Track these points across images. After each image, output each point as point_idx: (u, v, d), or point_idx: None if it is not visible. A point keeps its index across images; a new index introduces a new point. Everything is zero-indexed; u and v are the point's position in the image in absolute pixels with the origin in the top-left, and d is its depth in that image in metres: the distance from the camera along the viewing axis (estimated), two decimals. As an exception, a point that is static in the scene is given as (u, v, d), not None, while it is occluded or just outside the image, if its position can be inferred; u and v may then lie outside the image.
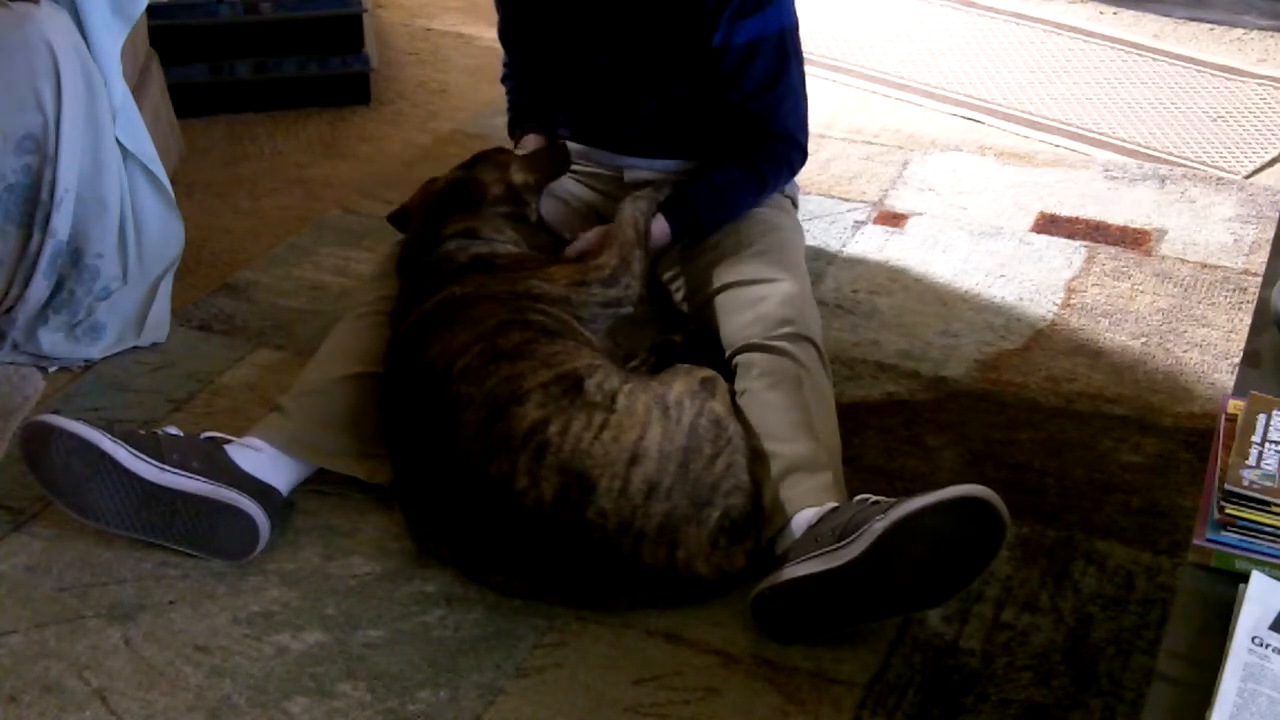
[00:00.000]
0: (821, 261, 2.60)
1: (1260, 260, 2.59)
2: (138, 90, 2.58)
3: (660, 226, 2.12)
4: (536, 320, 1.90)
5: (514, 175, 2.15)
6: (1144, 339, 2.38)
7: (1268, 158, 3.07)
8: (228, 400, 2.22)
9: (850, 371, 2.28)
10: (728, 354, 2.00)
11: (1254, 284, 2.49)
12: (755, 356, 1.94)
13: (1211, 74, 3.54)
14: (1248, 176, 2.98)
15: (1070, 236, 2.72)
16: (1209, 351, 2.34)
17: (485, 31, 3.72)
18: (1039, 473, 2.03)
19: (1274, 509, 1.29)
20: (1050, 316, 2.45)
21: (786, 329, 1.96)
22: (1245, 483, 1.31)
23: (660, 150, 2.22)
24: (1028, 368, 2.30)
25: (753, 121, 2.15)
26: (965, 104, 3.36)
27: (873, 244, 2.70)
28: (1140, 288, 2.54)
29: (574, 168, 2.32)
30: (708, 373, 1.87)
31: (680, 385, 1.82)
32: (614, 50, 2.13)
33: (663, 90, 2.16)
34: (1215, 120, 3.26)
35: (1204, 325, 2.42)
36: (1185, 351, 2.34)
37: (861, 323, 2.43)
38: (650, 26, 2.10)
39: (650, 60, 2.13)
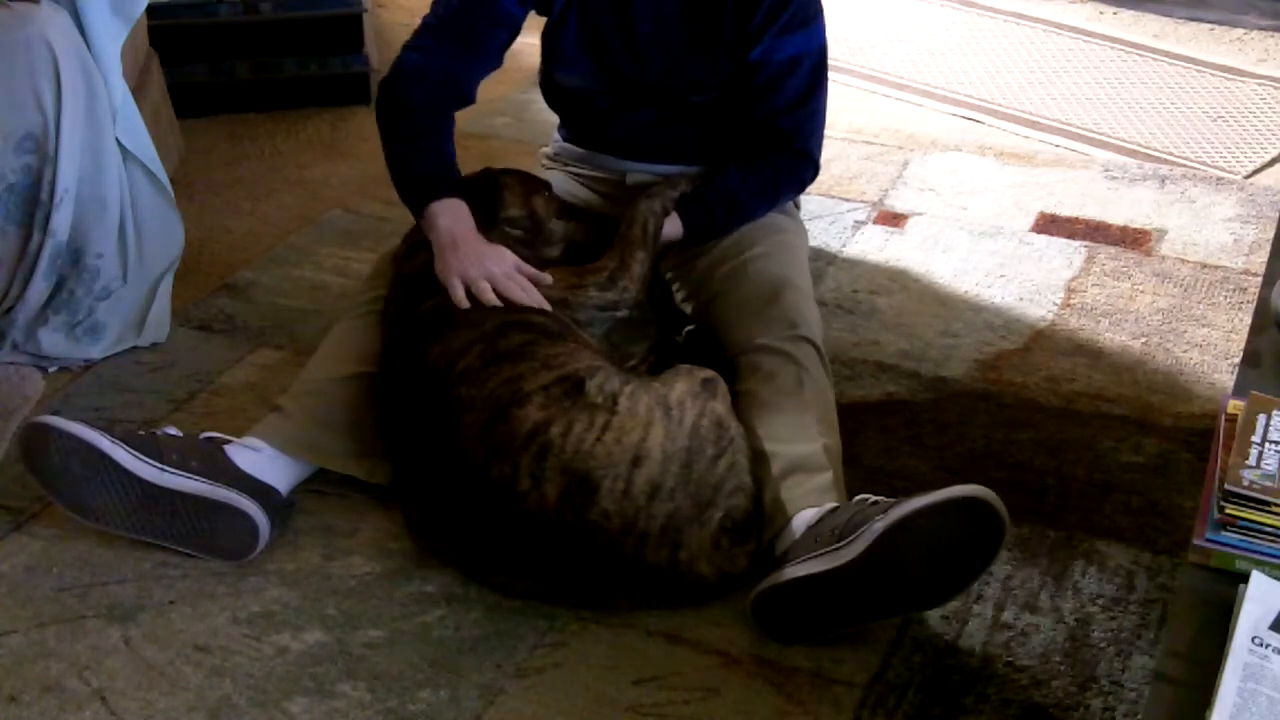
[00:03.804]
0: (821, 261, 2.60)
1: (1260, 260, 2.59)
2: (138, 90, 2.58)
3: (673, 226, 2.11)
4: (536, 321, 1.89)
5: (537, 204, 2.10)
6: (1144, 339, 2.38)
7: (1268, 158, 3.07)
8: (228, 400, 2.22)
9: (850, 371, 2.28)
10: (728, 354, 2.00)
11: (1254, 284, 2.49)
12: (756, 357, 1.94)
13: (1211, 74, 3.54)
14: (1248, 176, 2.99)
15: (1070, 236, 2.72)
16: (1209, 351, 2.34)
17: (485, 31, 3.72)
18: (1039, 473, 2.03)
19: (1274, 509, 1.29)
20: (1050, 316, 2.45)
21: (787, 330, 1.96)
22: (1245, 483, 1.31)
23: (665, 155, 2.21)
24: (1028, 368, 2.30)
25: (777, 136, 2.13)
26: (965, 104, 3.36)
27: (873, 244, 2.70)
28: (1140, 288, 2.54)
29: (575, 170, 2.31)
30: (708, 373, 1.87)
31: (682, 386, 1.82)
32: (650, 58, 2.10)
33: (681, 98, 2.14)
34: (1215, 120, 3.26)
35: (1204, 325, 2.42)
36: (1185, 351, 2.34)
37: (861, 323, 2.43)
38: (693, 35, 2.08)
39: (684, 69, 2.11)
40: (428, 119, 2.05)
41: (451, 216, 1.96)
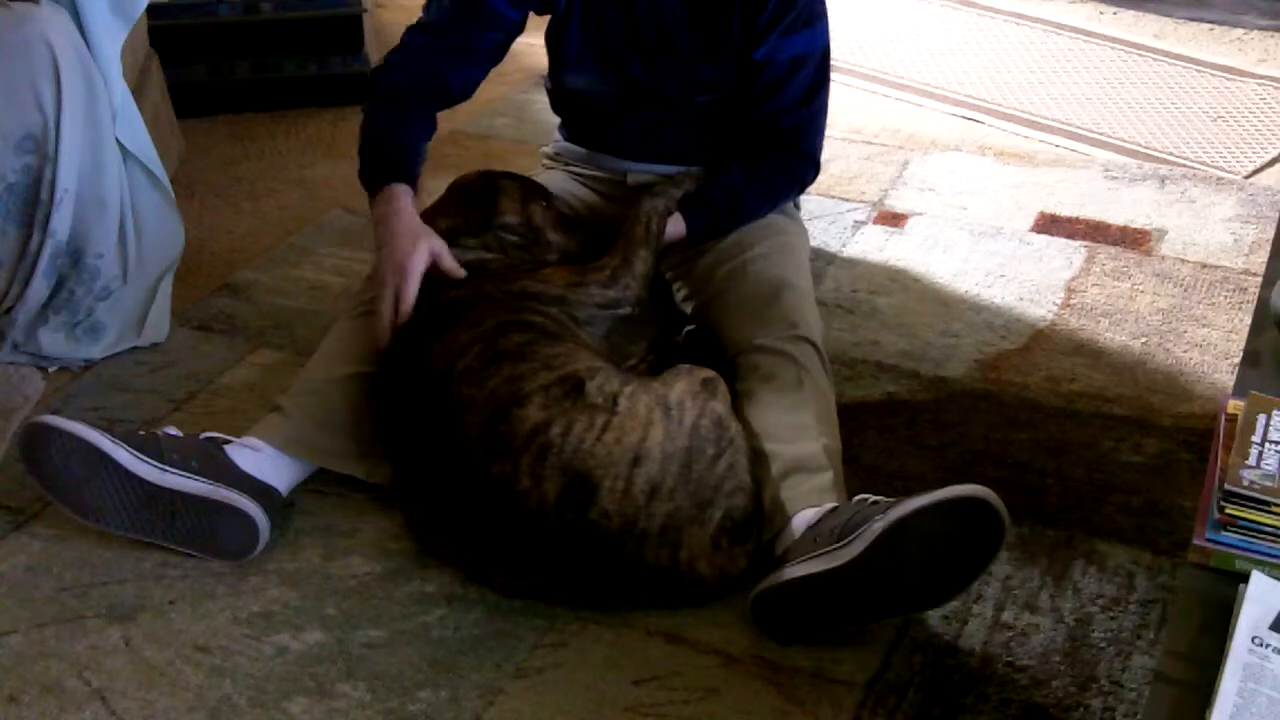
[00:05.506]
0: (821, 261, 2.60)
1: (1260, 260, 2.59)
2: (138, 90, 2.58)
3: (677, 225, 2.11)
4: (536, 321, 1.90)
5: (534, 213, 2.09)
6: (1144, 339, 2.38)
7: (1268, 158, 3.07)
8: (228, 400, 2.22)
9: (850, 371, 2.28)
10: (728, 354, 2.00)
11: (1254, 284, 2.49)
12: (756, 357, 1.94)
13: (1211, 74, 3.54)
14: (1248, 176, 2.99)
15: (1070, 236, 2.72)
16: (1209, 351, 2.34)
17: (485, 31, 3.71)
18: (1039, 473, 2.03)
19: (1274, 509, 1.29)
20: (1050, 316, 2.45)
21: (788, 330, 1.96)
22: (1245, 483, 1.31)
23: (668, 156, 2.21)
24: (1028, 368, 2.30)
25: (781, 136, 2.13)
26: (965, 104, 3.37)
27: (873, 244, 2.70)
28: (1140, 288, 2.54)
29: (576, 170, 2.31)
30: (708, 373, 1.87)
31: (682, 386, 1.82)
32: (658, 59, 2.10)
33: (687, 98, 2.14)
34: (1215, 120, 3.26)
35: (1204, 325, 2.42)
36: (1185, 351, 2.34)
37: (861, 323, 2.43)
38: (700, 36, 2.08)
39: (692, 70, 2.10)
40: (398, 111, 2.09)
41: (387, 206, 2.01)
